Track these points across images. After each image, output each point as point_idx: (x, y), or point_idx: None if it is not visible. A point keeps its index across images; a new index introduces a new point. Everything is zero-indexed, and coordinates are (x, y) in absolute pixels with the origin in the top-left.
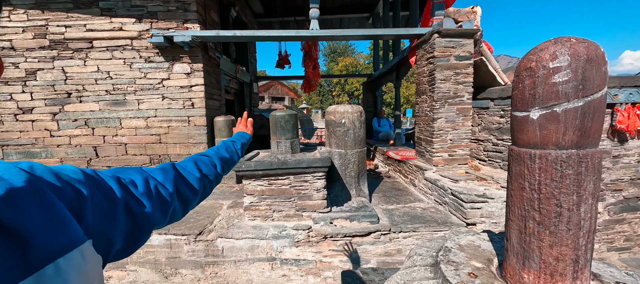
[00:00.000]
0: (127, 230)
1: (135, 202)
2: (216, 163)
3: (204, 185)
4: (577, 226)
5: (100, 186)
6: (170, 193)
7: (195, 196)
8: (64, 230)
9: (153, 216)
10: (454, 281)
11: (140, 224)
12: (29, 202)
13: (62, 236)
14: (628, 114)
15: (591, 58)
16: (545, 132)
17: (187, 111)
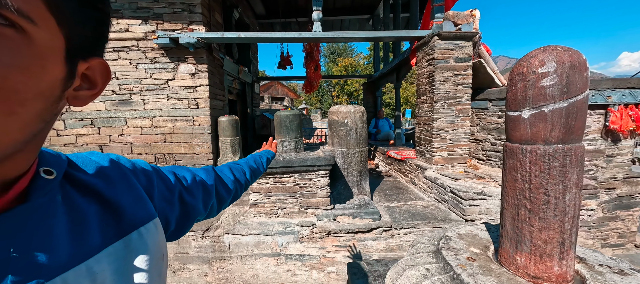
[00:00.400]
0: (178, 216)
1: (187, 193)
2: (246, 171)
3: (236, 188)
4: (563, 212)
5: (162, 177)
6: (211, 191)
7: (229, 196)
8: (144, 206)
9: (197, 207)
10: (454, 263)
11: (188, 212)
12: (121, 184)
13: (142, 210)
14: (621, 114)
15: (574, 65)
16: (535, 130)
17: (191, 111)
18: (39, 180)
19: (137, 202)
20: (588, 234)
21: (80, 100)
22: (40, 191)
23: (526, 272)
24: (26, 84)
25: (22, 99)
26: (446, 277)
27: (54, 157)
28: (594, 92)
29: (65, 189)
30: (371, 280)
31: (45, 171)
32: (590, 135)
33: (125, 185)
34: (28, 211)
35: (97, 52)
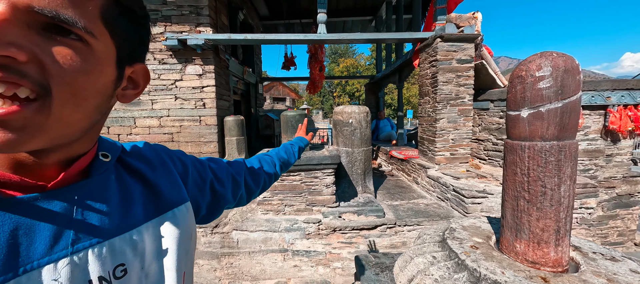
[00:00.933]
0: (209, 202)
1: (218, 183)
2: (276, 163)
3: (264, 179)
4: (558, 202)
5: (197, 167)
6: (240, 182)
7: (257, 187)
8: (178, 190)
9: (227, 196)
10: (459, 251)
11: (218, 200)
12: (161, 170)
13: (177, 194)
14: (620, 115)
15: (568, 69)
16: (533, 128)
17: (198, 111)
18: (98, 161)
19: (173, 186)
20: (588, 232)
21: (127, 97)
22: (98, 169)
23: (525, 258)
24: (89, 83)
25: (86, 95)
26: (451, 263)
27: (111, 144)
28: (593, 93)
29: (118, 170)
30: (378, 270)
31: (102, 154)
32: (590, 135)
33: (165, 171)
34: (90, 184)
35: (140, 59)
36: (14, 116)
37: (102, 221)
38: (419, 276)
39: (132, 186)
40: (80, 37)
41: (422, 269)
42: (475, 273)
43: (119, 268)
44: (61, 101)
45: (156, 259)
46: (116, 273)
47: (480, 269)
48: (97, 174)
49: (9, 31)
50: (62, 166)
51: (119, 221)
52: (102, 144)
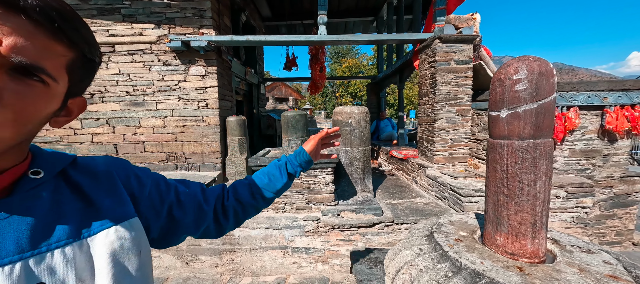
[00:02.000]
0: (163, 226)
1: (178, 208)
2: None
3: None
4: (534, 197)
5: (159, 187)
6: (207, 211)
7: (227, 223)
8: (123, 207)
9: (185, 223)
10: (443, 244)
11: (175, 226)
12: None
13: (121, 210)
14: (616, 115)
15: (542, 72)
16: (511, 127)
17: (201, 111)
18: (25, 179)
19: (117, 203)
20: (584, 231)
21: (59, 123)
22: (23, 187)
23: (505, 250)
24: (34, 115)
25: (28, 122)
26: (436, 255)
27: (54, 158)
28: (590, 94)
29: (59, 184)
30: (372, 265)
31: (33, 171)
32: (587, 135)
33: (110, 187)
34: (10, 203)
35: (80, 93)
36: None
37: (18, 241)
38: (406, 266)
39: (68, 203)
40: (42, 80)
41: (409, 261)
42: (457, 263)
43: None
44: (10, 123)
45: (88, 278)
46: None
47: (461, 259)
48: (21, 192)
49: None
50: None
51: (42, 240)
52: (39, 159)
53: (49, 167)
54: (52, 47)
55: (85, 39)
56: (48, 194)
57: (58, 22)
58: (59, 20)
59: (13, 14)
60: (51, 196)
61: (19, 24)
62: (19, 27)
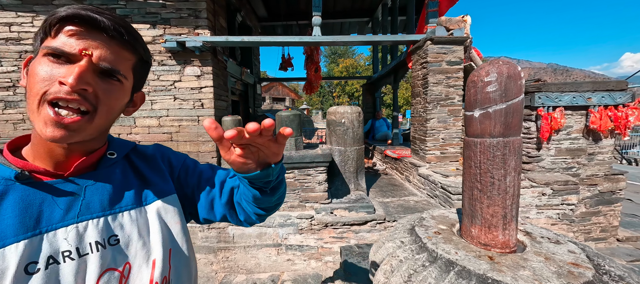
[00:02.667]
0: (190, 204)
1: (198, 194)
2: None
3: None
4: (505, 191)
5: (186, 172)
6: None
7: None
8: (167, 184)
9: (204, 208)
10: (423, 236)
11: (196, 206)
12: (155, 167)
13: (166, 186)
14: (600, 115)
15: (510, 75)
16: (483, 126)
17: (197, 111)
18: (105, 158)
19: (163, 181)
20: (570, 228)
21: (129, 112)
22: (104, 164)
23: (478, 241)
24: (117, 106)
25: (114, 112)
26: (415, 246)
27: (122, 144)
28: (574, 94)
29: (125, 164)
30: (360, 259)
31: (110, 153)
32: (572, 134)
33: (158, 168)
34: (95, 175)
35: (141, 88)
36: (74, 124)
37: (102, 203)
38: (388, 258)
39: (132, 179)
40: (119, 79)
41: (390, 252)
42: (434, 253)
43: (113, 237)
44: (101, 115)
45: (146, 235)
46: (110, 241)
47: (437, 250)
48: (103, 167)
49: (86, 76)
50: (79, 160)
51: (116, 203)
52: (112, 144)
53: (119, 150)
54: (123, 54)
55: (142, 46)
56: (119, 170)
57: (126, 35)
58: (126, 34)
59: (97, 32)
60: (121, 172)
61: (101, 40)
62: (102, 42)
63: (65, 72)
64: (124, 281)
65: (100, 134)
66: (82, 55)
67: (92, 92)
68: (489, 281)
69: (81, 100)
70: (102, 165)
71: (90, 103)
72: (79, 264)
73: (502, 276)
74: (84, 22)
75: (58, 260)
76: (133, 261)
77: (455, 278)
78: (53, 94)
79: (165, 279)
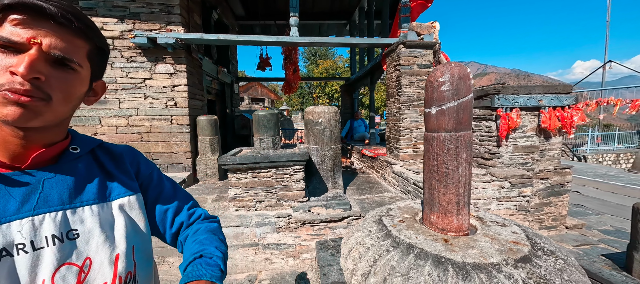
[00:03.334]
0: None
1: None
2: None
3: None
4: (458, 180)
5: (150, 183)
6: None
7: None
8: (131, 184)
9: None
10: (388, 225)
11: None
12: (122, 166)
13: (130, 186)
14: (550, 115)
15: (461, 76)
16: (439, 122)
17: (170, 110)
18: (67, 152)
19: (129, 181)
20: (526, 218)
21: (90, 101)
22: (66, 158)
23: (436, 226)
24: (73, 93)
25: (71, 99)
26: (381, 234)
27: (86, 140)
28: (528, 97)
29: (89, 160)
30: (334, 252)
31: (72, 147)
32: (527, 133)
33: (125, 168)
34: (55, 169)
35: (101, 76)
36: (31, 103)
37: (61, 196)
38: (356, 246)
39: (96, 174)
40: (73, 68)
41: (359, 241)
42: (397, 239)
43: (72, 231)
44: (58, 102)
45: (108, 230)
46: (69, 235)
47: (400, 236)
48: (64, 162)
49: (37, 65)
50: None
51: (76, 198)
52: (76, 139)
53: (83, 145)
54: (75, 42)
55: (96, 33)
56: (82, 165)
57: (76, 22)
58: (76, 21)
59: (44, 20)
60: (84, 167)
61: (50, 27)
62: (51, 30)
63: (15, 62)
64: (84, 276)
65: (60, 124)
66: (31, 44)
67: (45, 81)
68: (442, 260)
69: (34, 90)
70: (64, 159)
71: (44, 92)
72: (34, 257)
73: (453, 254)
74: (29, 10)
75: (11, 253)
76: (94, 256)
77: (414, 259)
78: (6, 86)
79: (130, 275)
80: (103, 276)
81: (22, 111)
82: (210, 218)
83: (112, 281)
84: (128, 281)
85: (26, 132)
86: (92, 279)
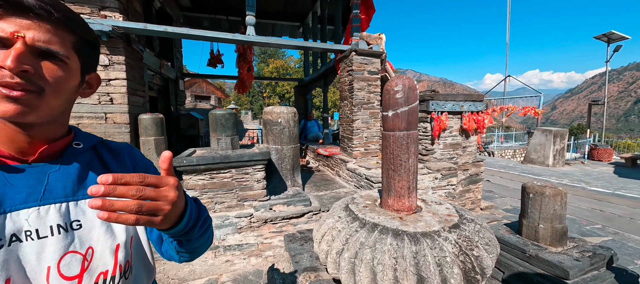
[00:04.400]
0: None
1: None
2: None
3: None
4: (408, 169)
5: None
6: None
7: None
8: None
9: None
10: (355, 210)
11: None
12: (122, 163)
13: None
14: (469, 118)
15: (410, 87)
16: (394, 123)
17: (103, 107)
18: (70, 148)
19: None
20: (453, 202)
21: (86, 94)
22: (69, 153)
23: (393, 208)
24: (65, 85)
25: (63, 91)
26: (349, 218)
27: (88, 136)
28: (454, 103)
29: (91, 156)
30: (303, 242)
31: (75, 143)
32: (453, 132)
33: (122, 163)
34: (59, 163)
35: (94, 69)
36: (23, 97)
37: (65, 189)
38: (329, 231)
39: (97, 169)
40: (60, 59)
41: (331, 226)
42: (363, 220)
43: (75, 222)
44: (50, 94)
45: (108, 223)
46: (73, 226)
47: (366, 218)
48: (67, 156)
49: (24, 58)
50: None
51: (79, 191)
52: (79, 136)
53: (86, 141)
54: (58, 34)
55: (78, 24)
56: (85, 160)
57: (55, 13)
58: (55, 12)
59: (24, 13)
60: (87, 162)
61: (31, 20)
62: (32, 23)
63: (2, 57)
64: (87, 264)
65: (57, 117)
66: (15, 38)
67: (34, 74)
68: (399, 232)
69: (25, 83)
70: (67, 153)
71: (35, 84)
72: (40, 244)
73: (407, 227)
74: (7, 4)
75: (20, 238)
76: (95, 246)
77: (379, 234)
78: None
79: (128, 264)
80: (105, 264)
81: (17, 107)
82: None
83: (113, 268)
84: (126, 270)
85: (26, 128)
86: (94, 266)
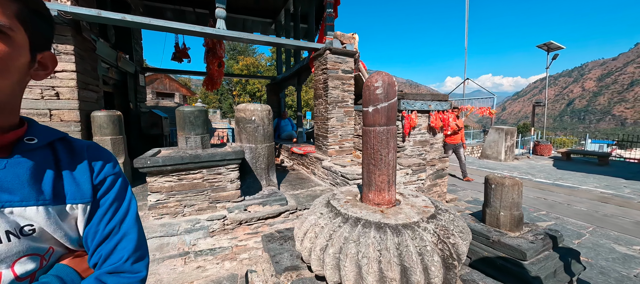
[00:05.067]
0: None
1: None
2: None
3: None
4: (388, 164)
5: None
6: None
7: None
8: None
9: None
10: (337, 205)
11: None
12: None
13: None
14: (435, 117)
15: (390, 83)
16: (374, 118)
17: (48, 103)
18: (22, 143)
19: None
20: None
21: (39, 76)
22: (20, 148)
23: (374, 202)
24: (10, 62)
25: (9, 69)
26: (332, 214)
27: (46, 131)
28: (422, 102)
29: (47, 154)
30: (282, 242)
31: (28, 138)
32: (422, 130)
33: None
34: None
35: (47, 48)
36: None
37: (11, 191)
38: (311, 227)
39: (51, 170)
40: (2, 31)
41: (313, 223)
42: (346, 215)
43: (27, 227)
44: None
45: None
46: (23, 231)
47: (348, 213)
48: (18, 152)
49: None
50: None
51: (30, 194)
52: (34, 129)
53: (42, 137)
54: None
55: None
56: (38, 159)
57: None
58: None
59: None
60: (39, 161)
61: None
62: None
63: None
64: (45, 262)
65: (4, 104)
66: None
67: None
68: (381, 225)
69: None
70: (17, 150)
71: None
72: None
73: (389, 220)
74: None
75: None
76: (56, 247)
77: (362, 228)
78: None
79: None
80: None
81: None
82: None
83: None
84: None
85: None
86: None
